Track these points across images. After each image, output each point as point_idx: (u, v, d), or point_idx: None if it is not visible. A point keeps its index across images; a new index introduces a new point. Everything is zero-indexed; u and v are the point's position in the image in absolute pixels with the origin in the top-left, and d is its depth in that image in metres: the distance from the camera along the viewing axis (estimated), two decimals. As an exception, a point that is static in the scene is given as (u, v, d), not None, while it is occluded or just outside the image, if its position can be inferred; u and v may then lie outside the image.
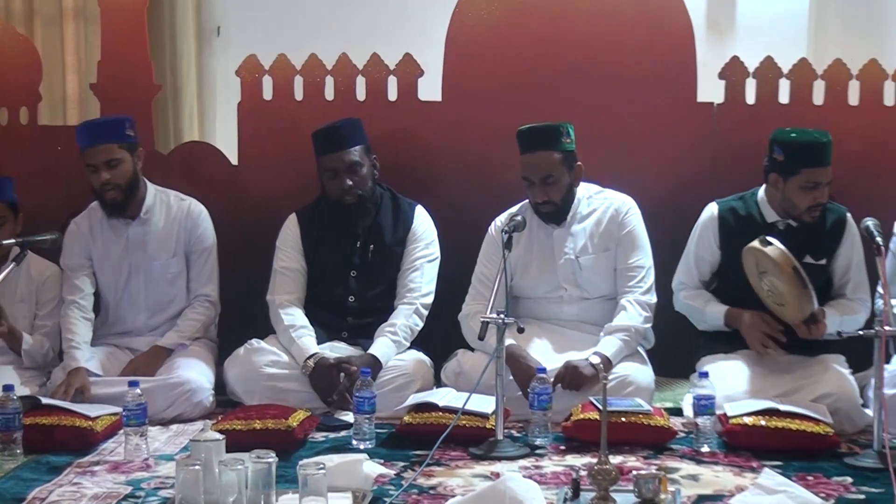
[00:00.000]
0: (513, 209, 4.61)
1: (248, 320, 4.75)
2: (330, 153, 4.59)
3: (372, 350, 4.43)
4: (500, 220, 4.58)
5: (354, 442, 3.88)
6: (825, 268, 4.34)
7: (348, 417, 4.10)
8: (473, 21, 5.09)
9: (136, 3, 5.17)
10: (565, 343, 4.44)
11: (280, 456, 3.12)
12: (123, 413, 3.82)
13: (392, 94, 5.13)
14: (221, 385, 4.50)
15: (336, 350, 4.51)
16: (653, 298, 4.48)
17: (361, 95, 5.14)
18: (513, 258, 4.37)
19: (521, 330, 3.97)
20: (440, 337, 4.63)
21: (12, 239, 4.36)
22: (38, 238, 4.36)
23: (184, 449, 3.85)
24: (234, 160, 5.24)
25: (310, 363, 4.37)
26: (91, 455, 3.81)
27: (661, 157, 4.99)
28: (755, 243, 4.07)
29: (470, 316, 4.49)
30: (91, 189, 4.58)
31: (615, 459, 3.43)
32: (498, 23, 5.08)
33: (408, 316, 4.55)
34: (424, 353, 4.57)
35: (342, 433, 4.06)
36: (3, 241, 4.33)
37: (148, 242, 4.68)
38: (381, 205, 4.72)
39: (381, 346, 4.44)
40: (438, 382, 4.49)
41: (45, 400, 4.08)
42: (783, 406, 3.85)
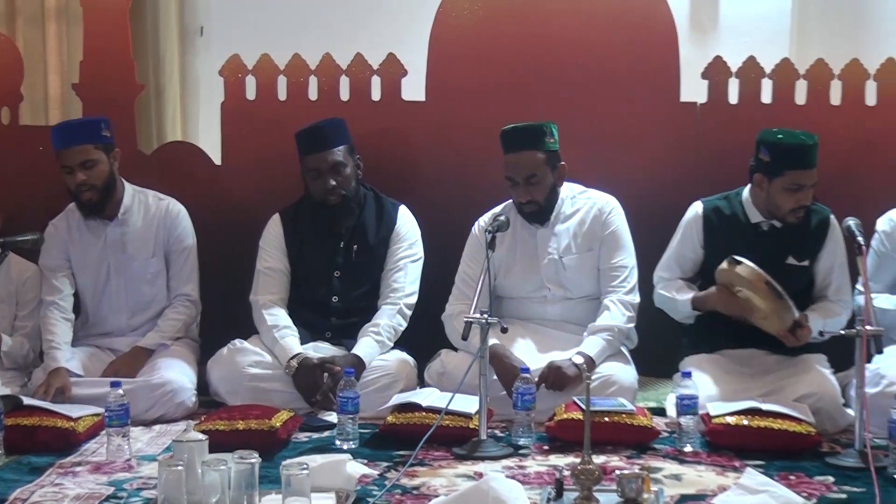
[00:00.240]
0: (496, 209, 4.60)
1: (232, 321, 4.73)
2: (313, 153, 4.58)
3: (355, 350, 4.43)
4: (484, 220, 4.58)
5: (338, 442, 3.87)
6: (808, 269, 4.34)
7: (332, 418, 4.10)
8: (457, 21, 5.09)
9: (119, 3, 5.15)
10: (549, 343, 4.45)
11: (263, 456, 3.11)
12: (105, 414, 3.81)
13: (376, 94, 5.13)
14: (204, 385, 4.48)
15: (319, 350, 4.51)
16: (636, 298, 4.48)
17: (345, 95, 5.14)
18: (496, 258, 4.37)
19: (505, 330, 3.98)
20: (424, 337, 4.62)
21: (-7, 239, 4.35)
22: (20, 238, 4.34)
23: (166, 449, 3.84)
24: (218, 160, 5.23)
25: (293, 363, 4.36)
26: (73, 456, 3.80)
27: (645, 157, 5.00)
28: (724, 265, 4.08)
29: (453, 316, 4.49)
30: (67, 190, 4.56)
31: (598, 459, 3.44)
32: (481, 23, 5.09)
33: (391, 316, 4.55)
34: (408, 354, 4.57)
35: (325, 433, 4.06)
36: (-16, 242, 4.32)
37: (127, 243, 4.66)
38: (365, 205, 4.71)
39: (365, 347, 4.44)
40: (422, 382, 4.49)
41: (27, 400, 4.06)
42: (765, 406, 3.86)
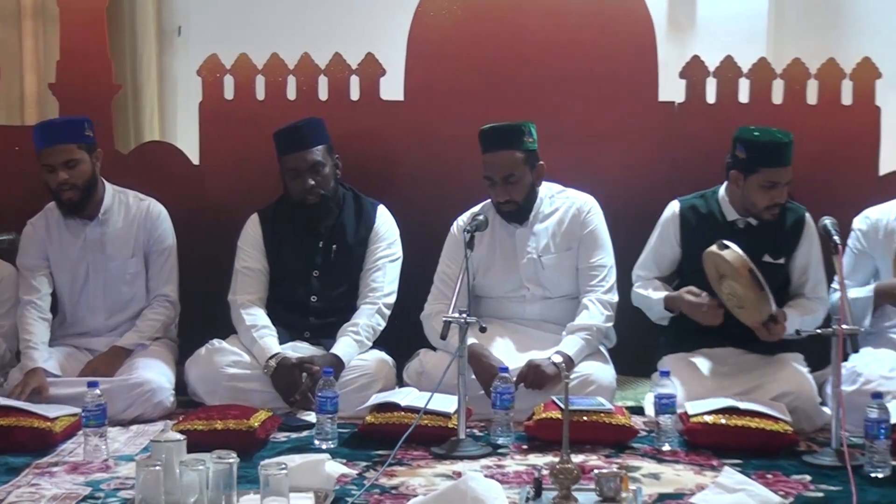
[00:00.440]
0: (475, 208, 4.60)
1: (210, 320, 4.72)
2: (292, 153, 4.57)
3: (334, 350, 4.42)
4: (463, 220, 4.58)
5: (317, 442, 3.87)
6: (784, 267, 4.36)
7: (310, 417, 4.09)
8: (435, 21, 5.09)
9: (96, 3, 5.13)
10: (527, 342, 4.45)
11: (241, 456, 3.11)
12: (83, 414, 3.79)
13: (354, 94, 5.13)
14: (182, 385, 4.47)
15: (298, 350, 4.50)
16: (614, 297, 4.49)
17: (323, 95, 5.13)
18: (475, 258, 4.38)
19: (484, 329, 3.99)
20: (402, 336, 4.62)
21: (-31, 240, 4.33)
22: (-4, 238, 4.33)
23: (144, 449, 3.82)
24: (196, 160, 5.22)
25: (271, 363, 4.35)
26: (50, 456, 3.78)
27: (623, 156, 5.02)
28: (713, 248, 4.09)
29: (432, 315, 4.49)
30: (48, 189, 4.54)
31: (577, 458, 3.45)
32: (460, 23, 5.09)
33: (370, 316, 4.54)
34: (387, 353, 4.57)
35: (304, 433, 4.05)
36: (-40, 243, 4.30)
37: (106, 243, 4.64)
38: (344, 205, 4.70)
39: (344, 346, 4.43)
40: (401, 382, 4.49)
41: (3, 401, 4.04)
42: (743, 404, 3.87)
